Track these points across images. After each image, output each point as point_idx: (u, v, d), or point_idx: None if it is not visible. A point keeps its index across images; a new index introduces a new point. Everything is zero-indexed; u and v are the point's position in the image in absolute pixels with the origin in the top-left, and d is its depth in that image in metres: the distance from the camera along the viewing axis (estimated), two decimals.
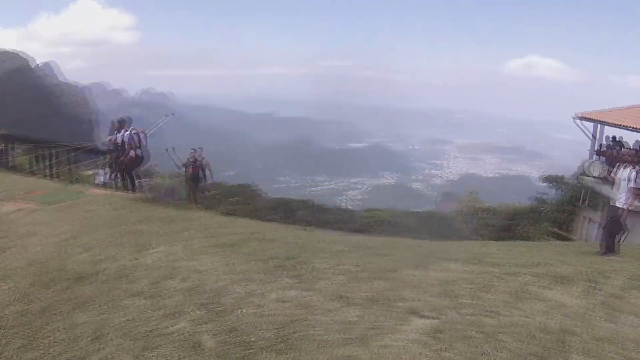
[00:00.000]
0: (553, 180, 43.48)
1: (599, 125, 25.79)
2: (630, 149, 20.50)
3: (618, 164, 16.06)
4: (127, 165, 17.91)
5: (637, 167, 14.10)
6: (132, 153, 17.57)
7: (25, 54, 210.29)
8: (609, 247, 13.95)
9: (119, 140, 17.58)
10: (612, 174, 15.09)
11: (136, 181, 19.08)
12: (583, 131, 25.90)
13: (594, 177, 24.55)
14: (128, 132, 17.71)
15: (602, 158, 25.63)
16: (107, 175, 19.03)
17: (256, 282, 8.15)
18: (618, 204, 13.89)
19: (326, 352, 5.94)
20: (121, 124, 17.82)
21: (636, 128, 21.44)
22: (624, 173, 13.80)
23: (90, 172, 27.33)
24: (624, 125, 22.77)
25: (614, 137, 25.05)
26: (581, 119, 25.55)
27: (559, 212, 36.96)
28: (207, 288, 7.76)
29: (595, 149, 26.24)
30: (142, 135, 17.98)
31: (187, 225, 12.29)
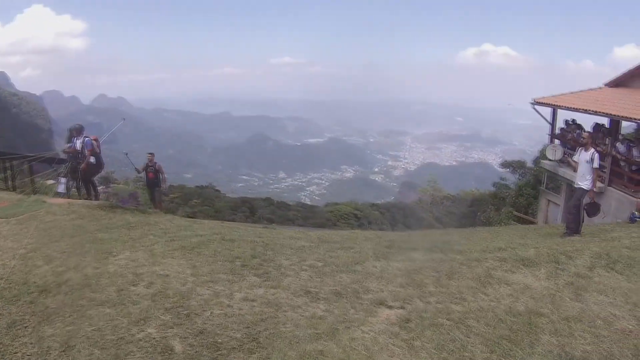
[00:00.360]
0: (513, 165, 44.04)
1: (557, 110, 26.04)
2: (588, 131, 20.80)
3: (578, 147, 16.27)
4: (85, 172, 17.76)
5: (596, 149, 14.34)
6: (92, 159, 17.43)
7: None
8: (576, 228, 14.14)
9: (78, 147, 17.43)
10: (573, 157, 15.30)
11: (96, 188, 18.98)
12: (542, 116, 26.14)
13: (555, 160, 24.79)
14: (88, 139, 17.57)
15: (559, 141, 25.90)
16: (68, 184, 18.81)
17: (222, 283, 8.19)
18: (583, 186, 14.08)
19: (297, 348, 6.00)
20: (78, 131, 17.64)
21: (591, 111, 21.75)
22: (586, 155, 13.99)
23: (51, 182, 26.98)
24: (579, 109, 23.08)
25: (573, 120, 25.37)
26: (538, 104, 25.78)
27: (521, 197, 37.42)
28: (173, 292, 7.77)
29: (553, 132, 26.50)
30: (96, 143, 17.85)
31: (147, 231, 12.25)
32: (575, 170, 15.20)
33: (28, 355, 5.94)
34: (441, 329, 6.39)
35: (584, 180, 14.07)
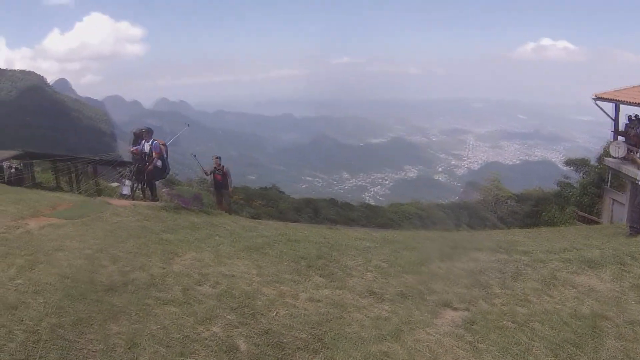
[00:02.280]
0: (576, 163, 43.06)
1: (620, 105, 25.38)
2: None
3: None
4: (150, 175, 17.98)
5: None
6: (158, 162, 17.64)
7: (35, 73, 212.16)
8: (638, 228, 13.76)
9: (146, 149, 17.64)
10: (637, 154, 14.92)
11: (155, 192, 19.21)
12: (604, 112, 25.54)
13: (619, 157, 24.16)
14: (155, 142, 17.78)
15: (622, 138, 25.23)
16: (132, 186, 19.08)
17: (287, 283, 8.17)
18: None
19: (361, 349, 5.96)
20: (148, 134, 17.86)
21: None
22: None
23: (115, 184, 27.45)
24: None
25: (636, 116, 24.66)
26: (599, 99, 25.19)
27: (585, 196, 36.57)
28: (239, 292, 7.77)
29: (616, 129, 25.84)
30: (163, 148, 18.04)
31: (213, 232, 12.30)
32: (639, 167, 14.83)
33: (93, 351, 5.98)
34: (505, 332, 6.30)
35: None
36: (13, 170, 28.00)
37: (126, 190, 18.99)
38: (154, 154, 17.52)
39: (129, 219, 13.39)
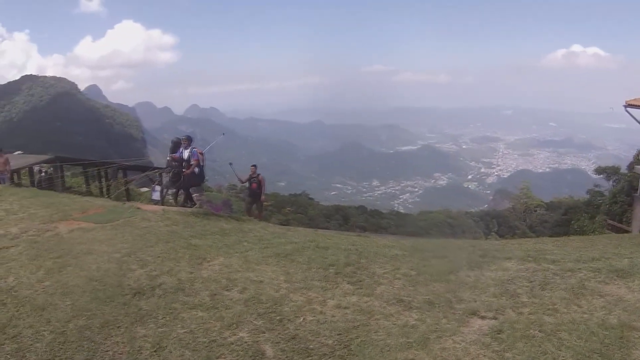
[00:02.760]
0: (607, 171, 42.63)
1: None
2: None
3: None
4: (187, 181, 18.17)
5: None
6: (196, 170, 17.84)
7: (67, 80, 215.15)
8: None
9: (185, 156, 17.86)
10: None
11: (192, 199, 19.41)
12: (635, 119, 25.26)
13: None
14: (194, 150, 18.00)
15: None
16: (163, 191, 19.26)
17: (315, 290, 8.16)
18: None
19: (388, 356, 5.96)
20: (188, 141, 18.09)
21: None
22: None
23: (145, 189, 27.71)
24: None
25: None
26: (631, 106, 24.90)
27: (615, 204, 36.05)
28: (266, 298, 7.78)
29: None
30: (202, 156, 18.29)
31: (242, 237, 12.32)
32: None
33: (119, 354, 6.04)
34: (533, 341, 6.23)
35: None
36: (43, 174, 28.38)
37: (156, 196, 19.15)
38: (192, 161, 17.71)
39: (158, 223, 13.46)
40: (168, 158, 18.59)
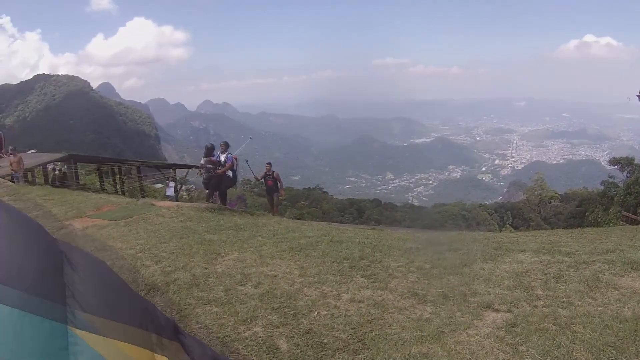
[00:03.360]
0: (621, 162, 42.32)
1: None
2: None
3: None
4: (222, 183, 19.11)
5: None
6: (229, 173, 18.76)
7: (79, 78, 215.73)
8: None
9: (222, 159, 18.49)
10: None
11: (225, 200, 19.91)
12: None
13: None
14: (230, 155, 18.75)
15: None
16: (176, 188, 19.58)
17: (330, 284, 8.16)
18: None
19: (402, 350, 5.94)
20: (225, 147, 18.72)
21: None
22: None
23: (160, 185, 27.84)
24: None
25: None
26: None
27: (630, 195, 35.74)
28: (281, 292, 7.80)
29: None
30: (235, 161, 18.94)
31: (256, 232, 12.35)
32: None
33: None
34: (547, 334, 6.19)
35: None
36: (57, 172, 28.53)
37: (170, 192, 19.39)
38: (227, 165, 18.67)
39: (172, 219, 13.54)
40: (202, 162, 19.27)
